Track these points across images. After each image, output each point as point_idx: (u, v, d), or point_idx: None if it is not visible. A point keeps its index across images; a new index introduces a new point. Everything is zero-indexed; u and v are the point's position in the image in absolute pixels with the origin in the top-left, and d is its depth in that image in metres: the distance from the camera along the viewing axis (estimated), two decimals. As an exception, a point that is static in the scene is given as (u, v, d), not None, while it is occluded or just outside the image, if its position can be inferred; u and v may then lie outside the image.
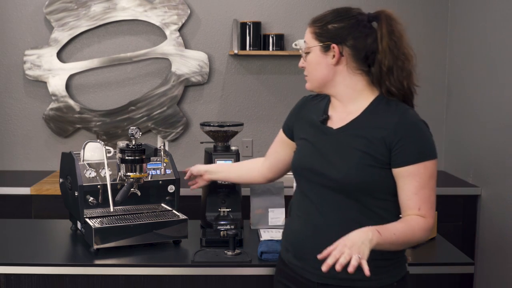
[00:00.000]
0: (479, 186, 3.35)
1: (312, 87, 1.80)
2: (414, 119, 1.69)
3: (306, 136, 1.82)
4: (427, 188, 1.65)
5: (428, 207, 1.66)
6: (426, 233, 1.67)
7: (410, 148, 1.64)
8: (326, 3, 3.76)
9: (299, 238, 1.77)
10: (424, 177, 1.64)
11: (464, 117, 3.58)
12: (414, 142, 1.64)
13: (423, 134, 1.67)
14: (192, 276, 2.08)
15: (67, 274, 2.07)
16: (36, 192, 3.28)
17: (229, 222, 2.30)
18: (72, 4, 3.71)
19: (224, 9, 3.80)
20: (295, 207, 1.83)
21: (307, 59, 1.78)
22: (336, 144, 1.72)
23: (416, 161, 1.63)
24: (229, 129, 2.47)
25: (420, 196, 1.64)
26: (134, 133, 2.12)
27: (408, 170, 1.64)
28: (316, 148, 1.76)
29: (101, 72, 3.82)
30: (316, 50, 1.75)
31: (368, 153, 1.66)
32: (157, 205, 2.36)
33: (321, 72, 1.75)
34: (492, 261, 3.19)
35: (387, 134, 1.65)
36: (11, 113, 3.82)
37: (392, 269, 1.73)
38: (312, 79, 1.79)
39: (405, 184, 1.65)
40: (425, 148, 1.65)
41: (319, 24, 1.76)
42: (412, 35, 4.18)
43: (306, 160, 1.78)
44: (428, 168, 1.65)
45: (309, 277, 1.75)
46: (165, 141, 3.78)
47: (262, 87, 3.85)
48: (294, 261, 1.79)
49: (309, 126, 1.82)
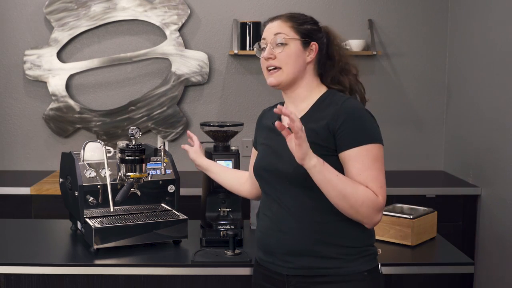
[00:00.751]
0: (479, 186, 3.35)
1: (281, 81, 1.79)
2: (354, 105, 1.74)
3: (264, 140, 1.89)
4: (372, 170, 1.68)
5: (378, 186, 1.67)
6: (372, 207, 1.66)
7: (350, 133, 1.69)
8: (326, 3, 3.77)
9: (266, 234, 1.82)
10: (367, 159, 1.67)
11: (464, 117, 3.58)
12: (354, 127, 1.69)
13: (363, 120, 1.72)
14: (192, 276, 2.08)
15: (67, 274, 2.07)
16: (36, 192, 3.28)
17: (229, 222, 2.30)
18: (72, 4, 3.71)
19: (224, 9, 3.80)
20: (261, 209, 1.89)
21: (285, 50, 1.78)
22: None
23: (357, 145, 1.68)
24: (229, 129, 2.47)
25: (365, 177, 1.67)
26: (134, 133, 2.12)
27: (350, 154, 1.68)
28: (271, 148, 1.83)
29: (101, 72, 3.82)
30: (297, 44, 1.78)
31: (315, 143, 1.69)
32: (157, 205, 2.36)
33: (297, 66, 1.79)
34: (492, 261, 3.19)
35: (330, 121, 1.71)
36: (11, 113, 3.82)
37: (361, 258, 1.75)
38: (287, 72, 1.78)
39: (349, 167, 1.69)
40: (365, 132, 1.70)
41: (298, 21, 1.82)
42: (412, 35, 4.20)
43: (262, 161, 1.85)
44: (371, 151, 1.68)
45: (279, 271, 1.79)
46: (165, 141, 3.78)
47: (262, 87, 3.84)
48: (264, 257, 1.84)
49: (267, 131, 1.89)
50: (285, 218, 1.76)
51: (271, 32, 1.81)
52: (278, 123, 1.57)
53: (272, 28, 1.82)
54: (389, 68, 3.84)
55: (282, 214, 1.77)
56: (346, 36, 3.79)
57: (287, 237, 1.75)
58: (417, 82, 3.86)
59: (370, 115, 1.75)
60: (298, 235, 1.73)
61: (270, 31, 1.82)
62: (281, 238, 1.76)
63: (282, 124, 1.57)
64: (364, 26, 3.81)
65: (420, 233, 2.28)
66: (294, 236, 1.74)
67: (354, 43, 3.69)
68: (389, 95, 3.85)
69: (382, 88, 3.84)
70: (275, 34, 1.80)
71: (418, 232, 2.27)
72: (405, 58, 3.84)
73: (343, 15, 3.80)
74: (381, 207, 1.69)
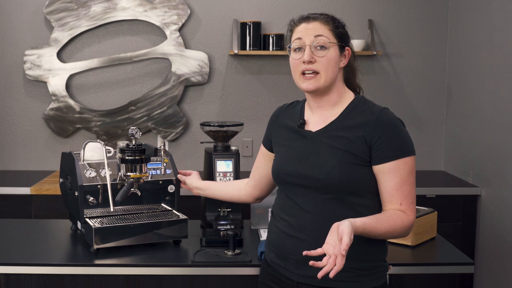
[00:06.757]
0: (479, 186, 3.35)
1: (318, 87, 1.71)
2: (391, 117, 1.72)
3: (285, 142, 1.82)
4: (407, 184, 1.68)
5: (409, 202, 1.69)
6: (407, 229, 1.70)
7: (389, 145, 1.67)
8: (326, 3, 3.77)
9: (282, 238, 1.78)
10: (404, 172, 1.67)
11: (464, 117, 3.58)
12: (392, 139, 1.67)
13: (400, 131, 1.70)
14: (192, 276, 2.08)
15: (67, 274, 2.07)
16: (36, 192, 3.29)
17: (229, 222, 2.30)
18: (72, 4, 3.71)
19: (224, 9, 3.80)
20: (278, 209, 1.84)
21: (327, 55, 1.71)
22: (316, 145, 1.74)
23: (396, 158, 1.67)
24: (229, 129, 2.47)
25: (401, 191, 1.68)
26: (134, 133, 2.12)
27: (388, 167, 1.67)
28: (296, 152, 1.77)
29: (101, 72, 3.82)
30: (336, 49, 1.73)
31: (349, 152, 1.68)
32: (157, 205, 2.36)
33: (335, 72, 1.74)
34: (492, 261, 3.19)
35: (367, 133, 1.68)
36: (11, 113, 3.82)
37: (373, 274, 1.74)
38: (325, 78, 1.71)
39: (386, 180, 1.68)
40: (403, 144, 1.69)
41: (335, 24, 1.75)
42: (412, 35, 4.21)
43: (287, 164, 1.78)
44: (408, 164, 1.68)
45: (290, 277, 1.77)
46: (165, 141, 3.78)
47: (262, 87, 3.85)
48: (277, 261, 1.81)
49: (288, 132, 1.83)
50: (305, 224, 1.72)
51: (310, 34, 1.71)
52: (312, 263, 1.52)
53: (312, 30, 1.71)
54: (389, 68, 3.84)
55: (301, 220, 1.73)
56: (346, 36, 3.79)
57: (303, 243, 1.70)
58: (417, 82, 3.86)
59: (402, 124, 1.73)
60: (315, 243, 1.65)
61: (309, 32, 1.71)
62: (297, 244, 1.72)
63: (316, 263, 1.52)
64: (364, 26, 3.81)
65: (420, 233, 2.28)
66: (311, 244, 1.67)
67: (354, 43, 3.68)
68: (389, 95, 3.85)
69: (382, 88, 3.84)
70: (315, 36, 1.70)
71: (418, 232, 2.27)
72: (405, 58, 3.84)
73: (343, 15, 3.77)
74: (413, 224, 1.71)
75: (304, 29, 1.73)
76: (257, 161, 2.02)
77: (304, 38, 1.72)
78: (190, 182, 2.27)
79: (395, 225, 1.66)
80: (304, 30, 1.73)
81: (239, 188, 2.12)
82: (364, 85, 1.88)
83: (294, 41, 1.74)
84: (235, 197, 2.15)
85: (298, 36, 1.73)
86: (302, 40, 1.72)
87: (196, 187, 2.25)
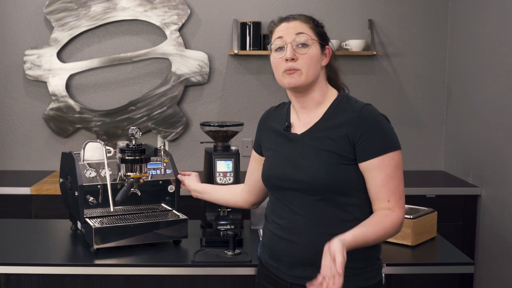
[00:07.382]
0: (479, 186, 3.35)
1: (300, 83, 1.71)
2: (373, 113, 1.71)
3: (272, 146, 1.83)
4: (394, 179, 1.67)
5: (397, 198, 1.68)
6: (398, 227, 1.69)
7: (373, 142, 1.66)
8: (326, 3, 3.77)
9: (274, 240, 1.78)
10: (389, 168, 1.67)
11: (464, 117, 3.58)
12: (376, 135, 1.67)
13: (383, 127, 1.69)
14: (192, 276, 2.08)
15: (67, 274, 2.07)
16: (36, 192, 3.28)
17: (229, 222, 2.30)
18: (72, 4, 3.71)
19: (224, 9, 3.80)
20: (270, 212, 1.84)
21: (308, 52, 1.71)
22: (302, 148, 1.74)
23: (380, 154, 1.66)
24: (229, 129, 2.47)
25: (388, 188, 1.67)
26: (134, 133, 2.12)
27: (373, 164, 1.66)
28: (283, 155, 1.77)
29: (101, 72, 3.82)
30: (317, 47, 1.74)
31: (334, 152, 1.68)
32: (157, 205, 2.36)
33: (317, 70, 1.74)
34: (492, 261, 3.19)
35: (349, 131, 1.68)
36: (11, 113, 3.82)
37: (367, 272, 1.74)
38: (306, 75, 1.71)
39: (372, 177, 1.68)
40: (387, 140, 1.68)
41: (315, 23, 1.76)
42: (412, 35, 4.21)
43: (275, 168, 1.78)
44: (393, 159, 1.67)
45: (284, 278, 1.77)
46: (165, 141, 3.78)
47: (262, 87, 3.85)
48: (270, 262, 1.82)
49: (275, 135, 1.83)
50: (296, 227, 1.72)
51: (291, 32, 1.71)
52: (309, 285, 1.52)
53: (293, 28, 1.71)
54: (389, 68, 3.84)
55: (292, 222, 1.73)
56: (346, 36, 3.80)
57: (295, 246, 1.72)
58: (417, 82, 3.86)
59: (386, 119, 1.73)
60: (307, 245, 1.69)
61: (290, 31, 1.71)
62: (289, 246, 1.73)
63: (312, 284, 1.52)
64: (364, 26, 3.81)
65: (420, 233, 2.28)
66: (303, 246, 1.70)
67: (354, 43, 3.69)
68: (389, 95, 3.85)
69: (382, 88, 3.84)
70: (297, 33, 1.71)
71: (418, 232, 2.27)
72: (405, 58, 3.84)
73: (343, 15, 3.80)
74: (402, 220, 1.69)
75: (285, 28, 1.74)
76: (250, 166, 2.01)
77: (285, 37, 1.72)
78: (188, 184, 2.27)
79: (385, 227, 1.65)
80: (285, 29, 1.73)
81: (235, 194, 2.11)
82: (364, 85, 1.89)
83: (275, 40, 1.75)
84: (231, 203, 2.14)
85: (279, 35, 1.74)
86: (283, 39, 1.72)
87: (194, 189, 2.25)
